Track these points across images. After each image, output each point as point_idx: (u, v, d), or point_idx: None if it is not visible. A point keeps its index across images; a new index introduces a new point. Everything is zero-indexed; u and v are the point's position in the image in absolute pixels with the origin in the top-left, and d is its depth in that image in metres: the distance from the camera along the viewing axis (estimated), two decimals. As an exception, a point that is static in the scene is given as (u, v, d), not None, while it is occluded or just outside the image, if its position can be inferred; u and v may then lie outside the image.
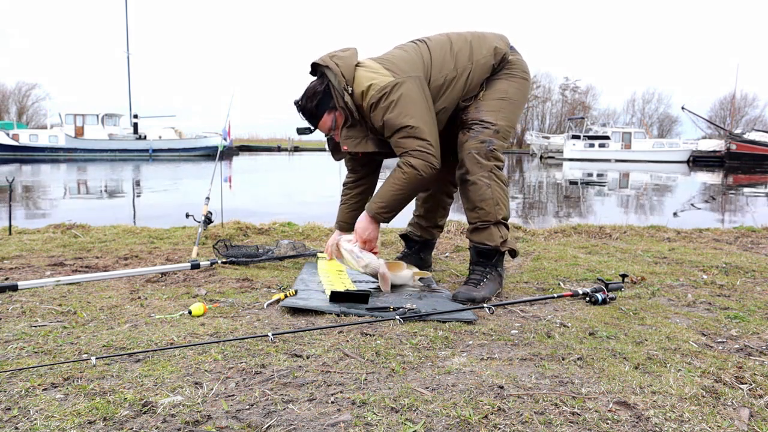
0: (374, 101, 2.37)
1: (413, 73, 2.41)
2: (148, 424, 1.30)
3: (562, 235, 4.35)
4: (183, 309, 2.21)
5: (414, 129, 2.36)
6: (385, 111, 2.36)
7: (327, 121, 2.53)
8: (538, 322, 2.11)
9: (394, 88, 2.35)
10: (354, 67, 2.44)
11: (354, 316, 2.13)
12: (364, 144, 2.52)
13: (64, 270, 2.93)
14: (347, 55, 2.47)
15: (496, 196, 2.47)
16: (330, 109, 2.50)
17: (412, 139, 2.37)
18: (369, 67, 2.44)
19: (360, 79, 2.40)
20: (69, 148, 32.28)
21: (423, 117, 2.38)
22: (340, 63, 2.42)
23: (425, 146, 2.38)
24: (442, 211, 2.98)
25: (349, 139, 2.52)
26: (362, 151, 2.55)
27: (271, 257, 3.15)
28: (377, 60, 2.49)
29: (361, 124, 2.50)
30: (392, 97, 2.35)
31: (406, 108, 2.35)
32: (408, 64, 2.44)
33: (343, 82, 2.40)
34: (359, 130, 2.51)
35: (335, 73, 2.41)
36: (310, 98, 2.48)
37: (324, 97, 2.47)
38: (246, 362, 1.66)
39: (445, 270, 3.09)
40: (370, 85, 2.37)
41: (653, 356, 1.75)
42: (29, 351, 1.75)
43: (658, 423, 1.32)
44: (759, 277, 2.95)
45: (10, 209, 4.16)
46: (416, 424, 1.31)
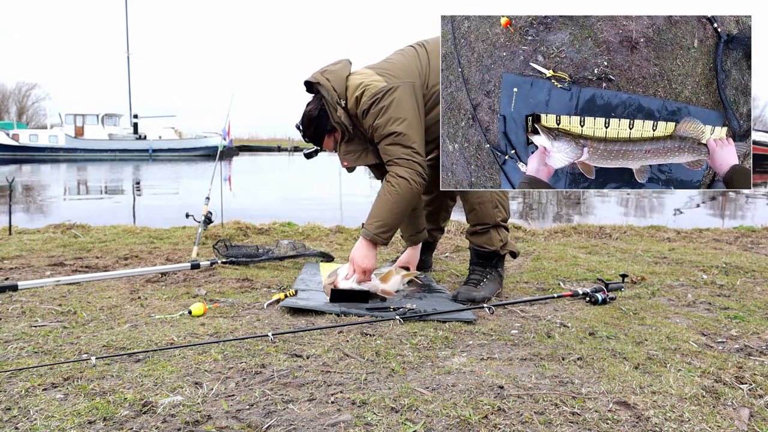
0: (366, 107, 2.34)
1: (407, 79, 2.37)
2: (148, 424, 1.30)
3: (562, 235, 4.35)
4: (183, 309, 2.21)
5: (401, 136, 2.32)
6: (376, 116, 2.33)
7: (329, 142, 2.53)
8: (538, 322, 2.11)
9: (386, 93, 2.32)
10: (345, 79, 2.41)
11: (354, 316, 2.13)
12: (364, 157, 2.48)
13: (64, 270, 2.93)
14: (338, 68, 2.45)
15: (495, 198, 2.47)
16: (329, 132, 2.49)
17: (398, 146, 2.33)
18: (361, 74, 2.42)
19: (352, 87, 2.38)
20: (69, 148, 32.26)
21: (412, 124, 2.34)
22: (330, 78, 2.40)
23: (410, 154, 2.32)
24: (444, 213, 2.98)
25: (349, 154, 2.49)
26: (363, 164, 2.51)
27: (271, 257, 3.15)
28: (370, 67, 2.46)
29: (359, 137, 2.48)
30: (383, 102, 2.32)
31: (396, 114, 2.31)
32: (402, 70, 2.41)
33: (335, 96, 2.38)
34: (358, 144, 2.48)
35: (327, 89, 2.39)
36: (307, 125, 2.49)
37: (320, 121, 2.46)
38: (246, 362, 1.66)
39: (445, 270, 3.09)
40: (363, 91, 2.35)
41: (653, 356, 1.75)
42: (29, 351, 1.75)
43: (658, 423, 1.32)
44: (759, 277, 2.95)
45: (10, 209, 4.16)
46: (416, 424, 1.31)
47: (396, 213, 2.34)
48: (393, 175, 2.33)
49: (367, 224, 2.36)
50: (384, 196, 2.34)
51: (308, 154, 2.63)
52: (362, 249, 2.34)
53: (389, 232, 2.35)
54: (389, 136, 2.33)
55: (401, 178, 2.31)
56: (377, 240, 2.33)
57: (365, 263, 2.33)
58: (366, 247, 2.34)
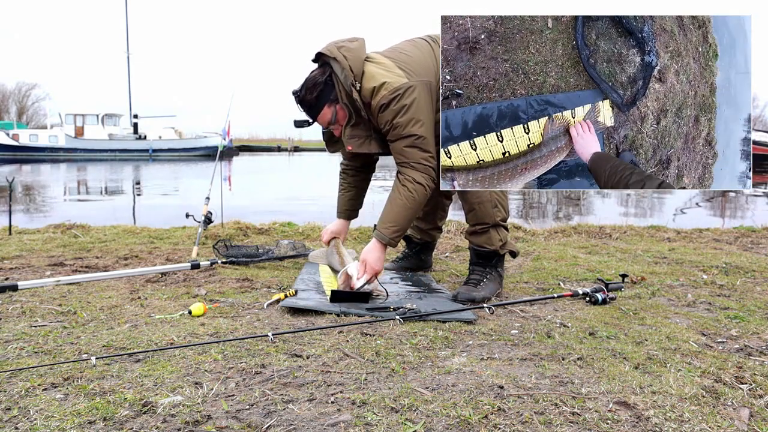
0: (385, 102, 2.26)
1: (426, 78, 2.31)
2: (148, 424, 1.30)
3: (562, 235, 4.35)
4: (183, 309, 2.21)
5: (421, 139, 2.27)
6: (396, 114, 2.26)
7: (327, 113, 2.38)
8: (538, 322, 2.11)
9: (408, 91, 2.25)
10: (363, 62, 2.31)
11: (354, 316, 2.13)
12: (367, 144, 2.42)
13: (64, 270, 2.93)
14: (355, 47, 2.33)
15: (494, 198, 2.46)
16: (330, 102, 2.36)
17: (417, 150, 2.29)
18: (381, 64, 2.32)
19: (371, 75, 2.28)
20: (69, 148, 32.24)
21: (429, 127, 2.30)
22: (348, 56, 2.28)
23: (428, 159, 2.30)
24: (441, 213, 2.98)
25: (353, 138, 2.41)
26: (366, 152, 2.46)
27: (271, 257, 3.15)
28: (388, 56, 2.37)
29: (365, 122, 2.40)
30: (405, 101, 2.24)
31: (417, 115, 2.25)
32: (422, 66, 2.33)
33: (351, 77, 2.27)
34: (363, 129, 2.40)
35: (343, 67, 2.27)
36: (309, 89, 2.34)
37: (325, 89, 2.33)
38: (246, 362, 1.66)
39: (445, 270, 3.09)
40: (383, 83, 2.25)
41: (653, 356, 1.75)
42: (29, 351, 1.75)
43: (658, 423, 1.32)
44: (759, 277, 2.96)
45: (10, 209, 4.16)
46: (416, 424, 1.31)
47: (410, 218, 2.35)
48: (410, 180, 2.29)
49: (381, 227, 2.33)
50: (400, 201, 2.31)
51: (299, 123, 2.47)
52: (376, 251, 2.34)
53: (402, 235, 2.37)
54: (408, 138, 2.28)
55: (419, 184, 2.29)
56: (391, 243, 2.34)
57: (378, 266, 2.34)
58: (380, 249, 2.34)
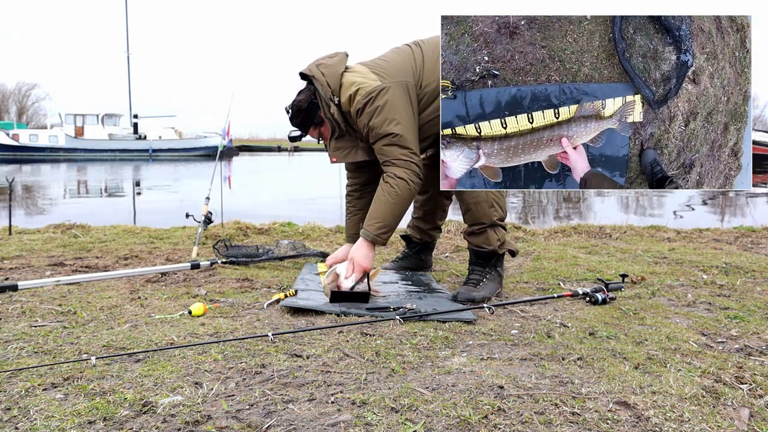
0: (360, 106, 2.33)
1: (401, 78, 2.37)
2: (148, 424, 1.30)
3: (562, 235, 4.35)
4: (183, 309, 2.21)
5: (398, 137, 2.32)
6: (371, 116, 2.32)
7: (314, 133, 2.53)
8: (538, 322, 2.11)
9: (380, 93, 2.31)
10: (340, 75, 2.40)
11: (354, 316, 2.13)
12: (353, 154, 2.49)
13: (64, 270, 2.93)
14: (334, 62, 2.43)
15: (490, 198, 2.47)
16: (315, 125, 2.49)
17: (396, 147, 2.33)
18: (356, 72, 2.40)
19: (348, 84, 2.37)
20: (69, 148, 32.23)
21: (407, 124, 2.34)
22: (326, 72, 2.39)
23: (408, 155, 2.33)
24: (440, 212, 2.98)
25: (338, 150, 2.49)
26: (352, 161, 2.52)
27: (271, 257, 3.15)
28: (366, 64, 2.45)
29: (350, 134, 2.47)
30: (378, 102, 2.31)
31: (391, 114, 2.31)
32: (397, 68, 2.40)
33: (329, 92, 2.37)
34: (348, 141, 2.48)
35: (321, 84, 2.38)
36: (295, 114, 2.47)
37: (308, 114, 2.46)
38: (246, 362, 1.66)
39: (445, 270, 3.09)
40: (357, 90, 2.33)
41: (653, 356, 1.75)
42: (29, 351, 1.75)
43: (658, 423, 1.32)
44: (759, 277, 2.95)
45: (10, 209, 4.17)
46: (416, 424, 1.31)
47: (395, 214, 2.36)
48: (391, 176, 2.33)
49: (367, 225, 2.37)
50: (383, 197, 2.34)
51: (293, 138, 2.62)
52: (363, 249, 2.36)
53: (389, 232, 2.37)
54: (386, 137, 2.33)
55: (400, 179, 2.32)
56: (377, 241, 2.35)
57: (366, 263, 2.35)
58: (366, 247, 2.36)
